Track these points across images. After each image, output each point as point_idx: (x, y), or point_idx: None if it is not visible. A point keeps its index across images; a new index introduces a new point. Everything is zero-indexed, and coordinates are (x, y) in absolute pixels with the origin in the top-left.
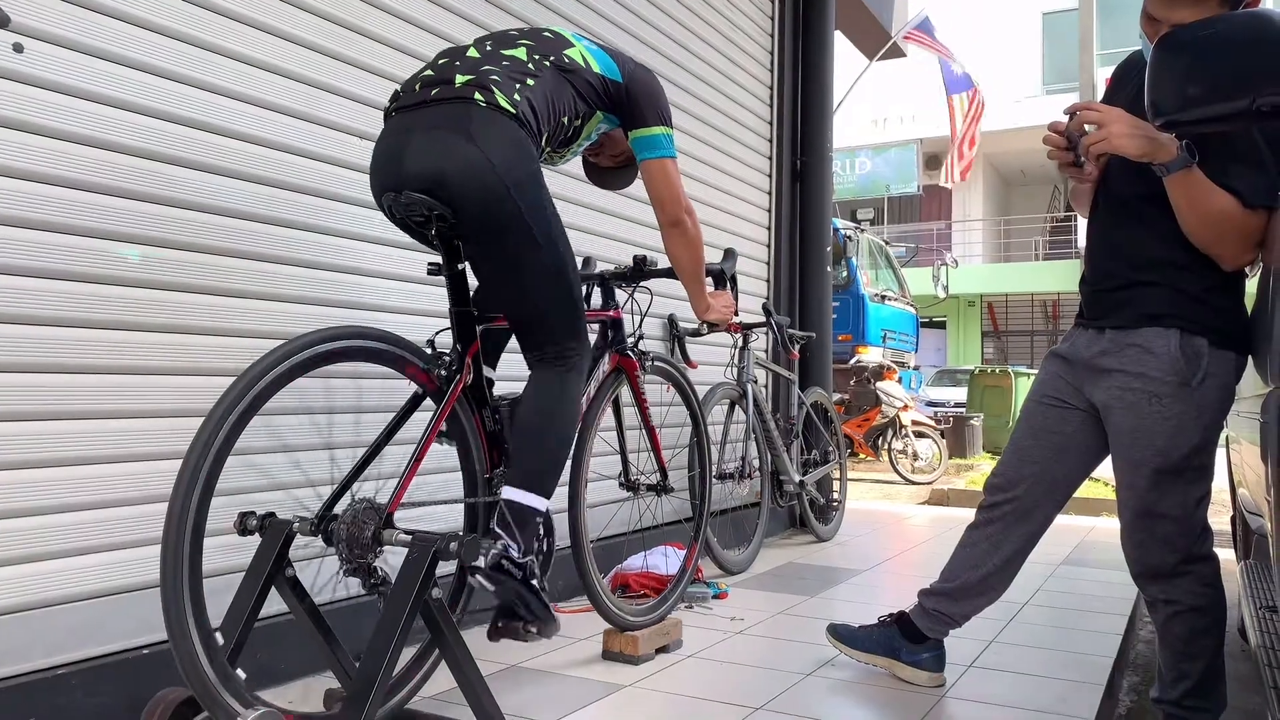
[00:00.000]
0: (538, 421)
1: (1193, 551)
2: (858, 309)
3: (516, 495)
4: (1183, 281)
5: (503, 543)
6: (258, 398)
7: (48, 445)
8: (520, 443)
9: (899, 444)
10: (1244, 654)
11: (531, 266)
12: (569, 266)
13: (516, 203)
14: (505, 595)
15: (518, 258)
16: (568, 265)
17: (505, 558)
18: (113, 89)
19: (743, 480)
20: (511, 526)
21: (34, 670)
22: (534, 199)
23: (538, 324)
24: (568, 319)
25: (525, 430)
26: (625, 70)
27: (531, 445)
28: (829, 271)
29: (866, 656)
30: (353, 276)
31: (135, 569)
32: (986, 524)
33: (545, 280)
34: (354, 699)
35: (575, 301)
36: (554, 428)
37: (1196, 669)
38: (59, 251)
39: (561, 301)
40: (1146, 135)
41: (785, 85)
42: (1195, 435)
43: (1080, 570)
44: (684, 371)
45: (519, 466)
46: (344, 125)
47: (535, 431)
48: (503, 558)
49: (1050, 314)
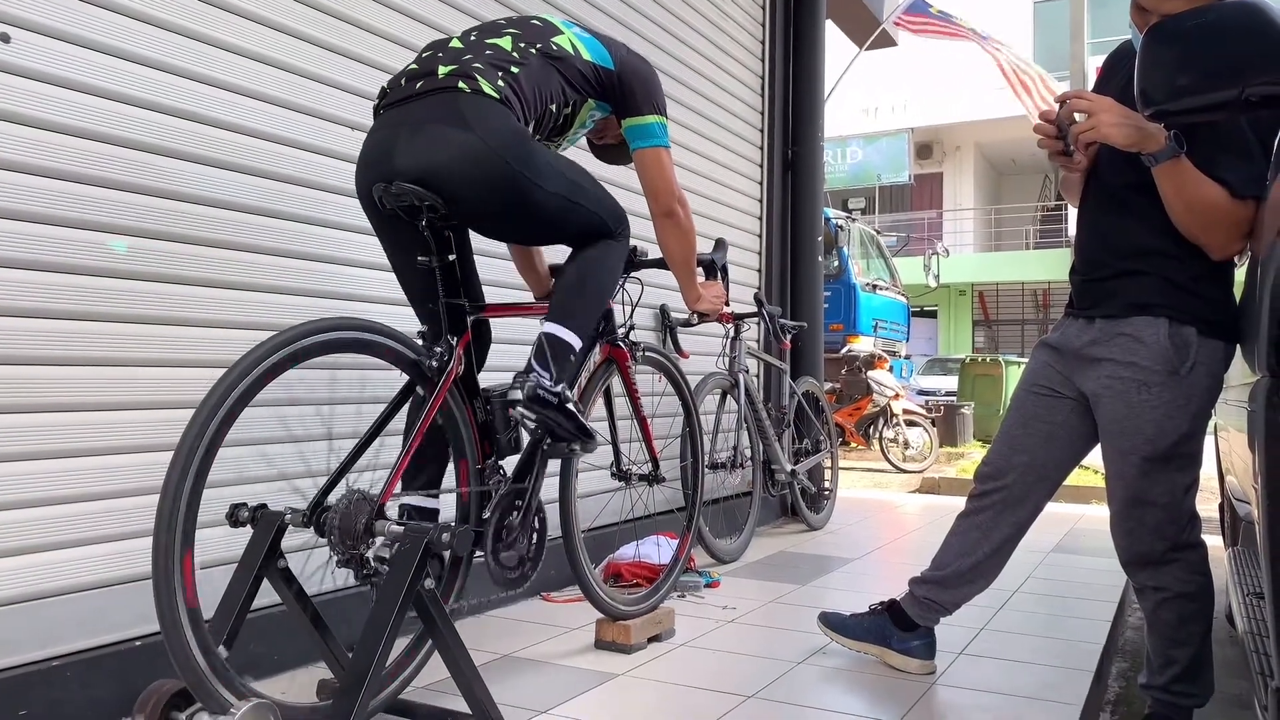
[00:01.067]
0: (584, 271)
1: (1181, 539)
2: (849, 298)
3: (556, 329)
4: (1172, 271)
5: (535, 375)
6: (249, 390)
7: (39, 438)
8: (565, 286)
9: (890, 433)
10: (1231, 640)
11: (547, 208)
12: (580, 182)
13: (520, 171)
14: (544, 422)
15: (531, 210)
16: (583, 185)
17: (540, 388)
18: (100, 79)
19: (735, 470)
20: (547, 358)
21: (28, 662)
22: (526, 156)
23: (583, 234)
24: (601, 214)
25: (571, 276)
26: (618, 57)
27: (575, 289)
28: (820, 261)
29: (858, 644)
30: (344, 268)
31: (128, 561)
32: (977, 512)
33: (565, 209)
34: (347, 689)
35: (601, 200)
36: (596, 278)
37: (1184, 655)
38: (49, 243)
39: (589, 209)
40: (1135, 125)
41: (776, 74)
42: (1184, 423)
43: (1070, 558)
44: (675, 361)
45: (561, 305)
46: (334, 116)
47: (580, 278)
48: (538, 388)
49: (1041, 303)
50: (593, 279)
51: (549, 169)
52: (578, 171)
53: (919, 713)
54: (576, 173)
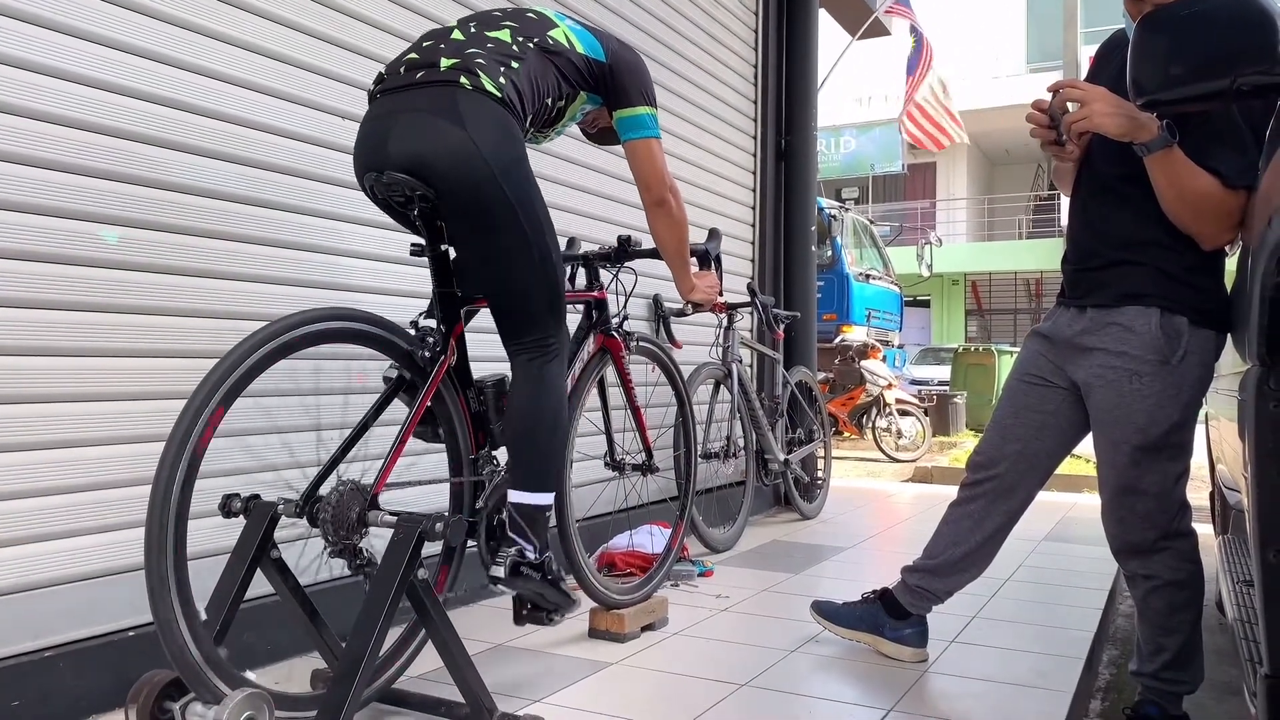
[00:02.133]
0: (529, 421)
1: (1172, 527)
2: (842, 288)
3: (522, 498)
4: (1163, 261)
5: (517, 548)
6: (241, 380)
7: (33, 428)
8: (515, 445)
9: (883, 422)
10: (1221, 627)
11: (515, 251)
12: (553, 252)
13: (501, 186)
14: (528, 595)
15: (501, 241)
16: (551, 251)
17: (522, 562)
18: (90, 69)
19: (728, 459)
20: (523, 529)
21: (21, 653)
22: (519, 183)
23: (519, 309)
24: (549, 307)
25: (518, 432)
26: (609, 50)
27: (527, 446)
28: (814, 251)
29: (850, 633)
30: (335, 258)
31: (121, 551)
32: (969, 501)
33: (528, 265)
34: (340, 679)
35: (558, 288)
36: (544, 423)
37: (1175, 642)
38: (41, 234)
39: (544, 288)
40: (1128, 114)
41: (769, 63)
42: (1175, 413)
43: (1061, 546)
44: (669, 352)
45: (518, 469)
46: (327, 105)
47: (527, 432)
48: (520, 563)
49: (1033, 292)
50: (544, 428)
51: (530, 201)
52: (553, 236)
53: (911, 700)
54: (552, 236)
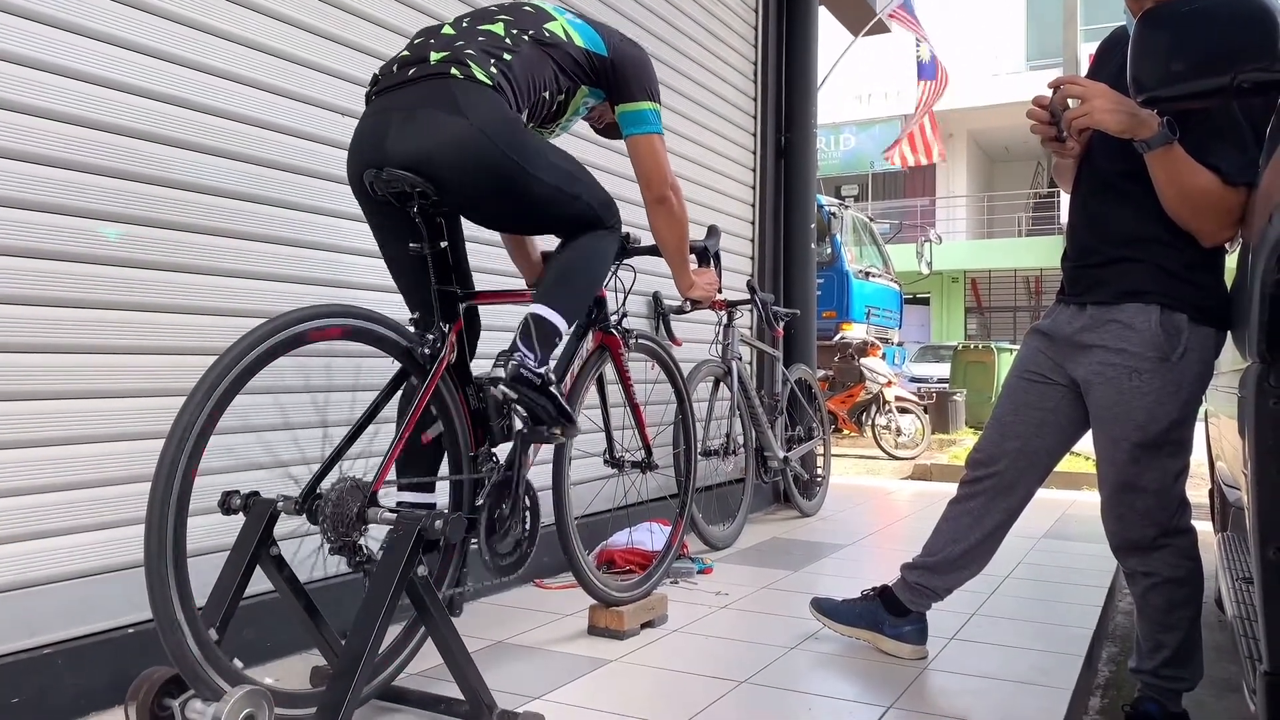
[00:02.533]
0: (575, 258)
1: (1171, 525)
2: (842, 285)
3: (543, 311)
4: (1163, 258)
5: (519, 355)
6: (240, 377)
7: (32, 425)
8: (555, 271)
9: (882, 420)
10: (1220, 624)
11: (541, 197)
12: (574, 173)
13: (512, 158)
14: (526, 402)
15: (525, 198)
16: (574, 174)
17: (524, 368)
18: (92, 65)
19: (727, 457)
20: (533, 339)
21: (19, 650)
22: (521, 146)
23: (574, 224)
24: (594, 206)
25: (562, 261)
26: (611, 44)
27: (565, 274)
28: (813, 248)
29: (850, 630)
30: (336, 255)
31: (121, 548)
32: (969, 498)
33: (559, 198)
34: (340, 676)
35: (592, 190)
36: (587, 265)
37: (1174, 639)
38: (41, 230)
39: (584, 201)
40: (1128, 111)
41: (770, 61)
42: (1174, 410)
43: (1061, 544)
44: (668, 349)
45: (550, 288)
46: (327, 102)
47: (571, 264)
48: (521, 368)
49: (1033, 290)
50: (584, 266)
51: (541, 157)
52: (569, 160)
53: (911, 698)
54: (568, 161)
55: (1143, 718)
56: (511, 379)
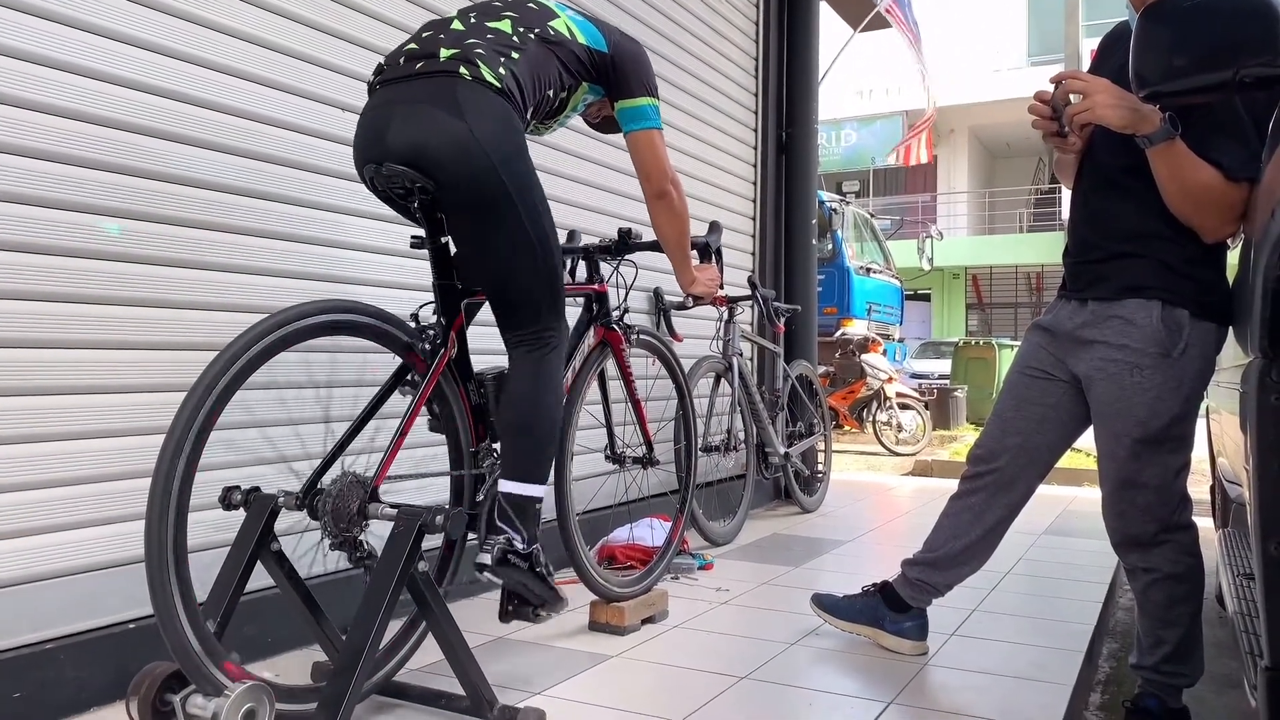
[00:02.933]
0: (524, 411)
1: (1172, 520)
2: (843, 282)
3: (513, 488)
4: (1165, 253)
5: (506, 536)
6: (241, 372)
7: (34, 420)
8: (509, 434)
9: (883, 416)
10: (1221, 620)
11: (515, 242)
12: (552, 243)
13: (501, 178)
14: (514, 586)
15: (501, 233)
16: (550, 242)
17: (510, 551)
18: (88, 60)
19: (728, 453)
20: (512, 518)
21: (22, 645)
22: (519, 175)
23: (518, 301)
24: (548, 299)
25: (513, 423)
26: (611, 41)
27: (521, 436)
28: (814, 244)
29: (850, 626)
30: (336, 250)
31: (122, 544)
32: (969, 494)
33: (528, 257)
34: (341, 671)
35: (557, 280)
36: (541, 416)
37: (1174, 635)
38: (41, 226)
39: (543, 280)
40: (1130, 106)
41: (770, 55)
42: (1176, 406)
43: (1061, 540)
44: (669, 345)
45: (511, 459)
46: (327, 98)
47: (523, 422)
48: (508, 551)
49: (1034, 286)
50: (541, 417)
51: (530, 190)
52: (553, 231)
53: (911, 693)
54: (552, 230)
55: (1143, 713)
56: (497, 563)
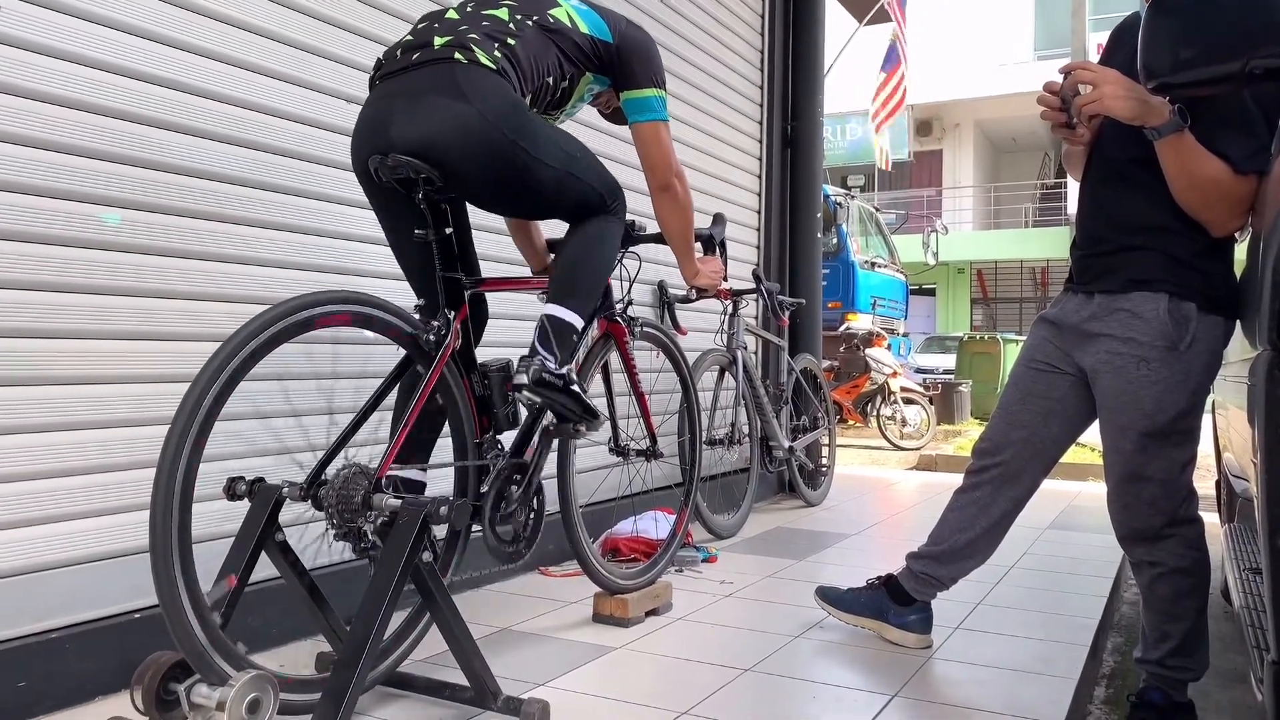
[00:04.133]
0: (583, 250)
1: (1178, 514)
2: (847, 276)
3: (557, 310)
4: (1173, 246)
5: (539, 358)
6: (244, 363)
7: (39, 410)
8: (564, 266)
9: (888, 410)
10: (1226, 615)
11: (546, 181)
12: (577, 156)
13: (516, 142)
14: (550, 405)
15: (529, 183)
16: (575, 156)
17: (545, 370)
18: (92, 50)
19: (732, 446)
20: (551, 340)
21: (27, 634)
22: (528, 132)
23: (578, 208)
24: (598, 189)
25: (569, 255)
26: (616, 30)
27: (574, 268)
28: (819, 238)
29: (854, 619)
30: (339, 241)
31: (127, 534)
32: (974, 488)
33: (563, 182)
34: (345, 661)
35: (597, 173)
36: (596, 257)
37: (1180, 629)
38: (40, 215)
39: (587, 183)
40: (1139, 98)
41: (776, 48)
42: (1182, 399)
43: (1066, 534)
44: (673, 338)
45: (561, 285)
46: (328, 88)
47: (579, 258)
48: (543, 371)
49: (1039, 281)
50: (591, 257)
51: (546, 141)
52: (574, 145)
53: (915, 686)
54: (573, 146)
55: (1148, 707)
56: (534, 383)
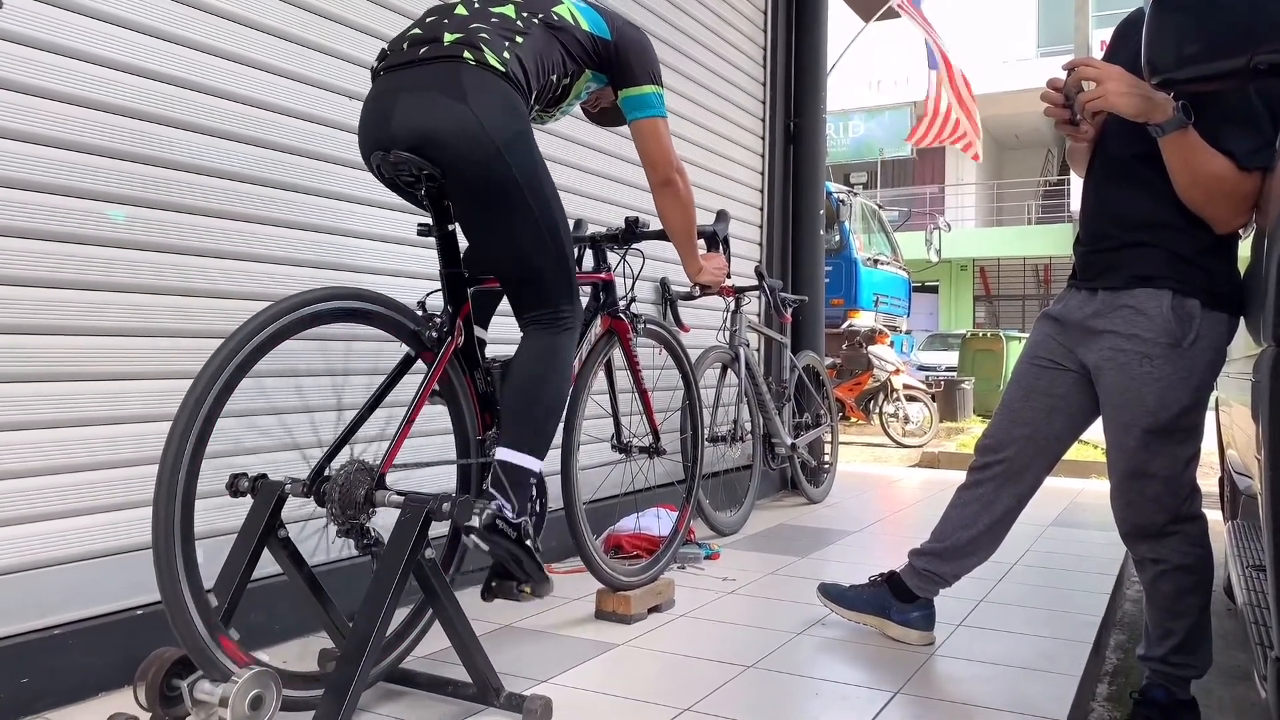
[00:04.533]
0: (531, 384)
1: (1181, 511)
2: (850, 273)
3: (510, 456)
4: (1176, 243)
5: (496, 503)
6: (247, 359)
7: (40, 407)
8: (513, 404)
9: (890, 407)
10: (1230, 613)
11: (523, 227)
12: (561, 226)
13: (507, 162)
14: (499, 555)
15: (509, 218)
16: (559, 225)
17: (500, 518)
18: (97, 47)
19: (734, 443)
20: (505, 487)
21: (30, 630)
22: (524, 159)
23: (530, 285)
24: (560, 280)
25: (518, 392)
26: (614, 28)
27: (525, 407)
28: (821, 236)
29: (857, 615)
30: (341, 238)
31: (130, 530)
32: (977, 485)
33: (538, 240)
34: (348, 658)
35: (567, 262)
36: (547, 390)
37: (1183, 626)
38: (45, 212)
39: (554, 262)
40: (1143, 94)
41: (779, 45)
42: (1185, 396)
43: (1069, 531)
44: (676, 334)
45: (512, 428)
46: (331, 84)
47: (528, 394)
48: (497, 518)
49: (1042, 278)
50: (547, 388)
51: (536, 177)
52: (562, 213)
53: (918, 683)
54: (560, 212)
55: (1151, 705)
56: (486, 528)
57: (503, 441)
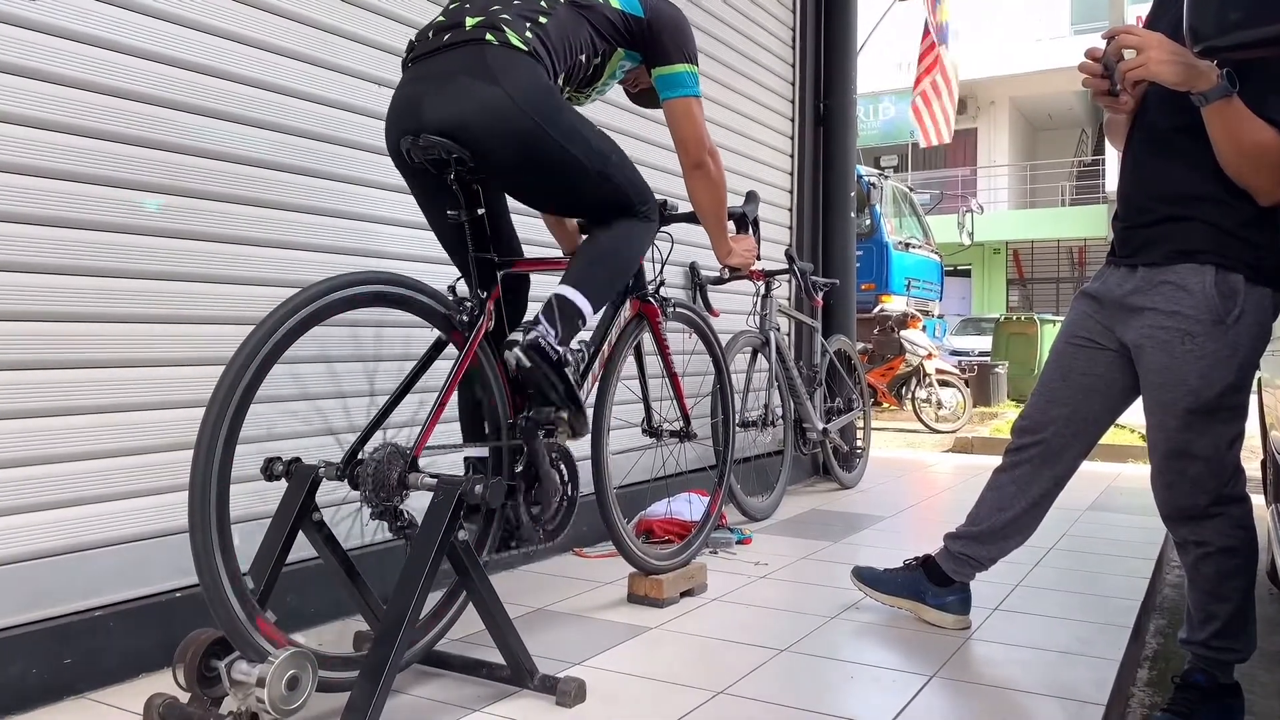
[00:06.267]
0: (606, 249)
1: (1224, 493)
2: (881, 257)
3: (569, 293)
4: (1219, 216)
5: (542, 327)
6: (279, 344)
7: (78, 394)
8: (586, 258)
9: (923, 393)
10: (1273, 596)
11: (579, 178)
12: (611, 155)
13: (545, 129)
14: (536, 376)
15: (564, 177)
16: (609, 155)
17: (543, 339)
18: (130, 37)
19: (766, 428)
20: (555, 316)
21: (71, 612)
22: (559, 121)
23: (606, 209)
24: (629, 191)
25: (595, 245)
26: (647, 5)
27: (596, 258)
28: (852, 219)
29: (891, 599)
30: (375, 225)
31: (169, 514)
32: (1014, 467)
33: (596, 181)
34: (382, 640)
35: (628, 176)
36: (619, 259)
37: (1225, 610)
38: (82, 201)
39: (615, 186)
40: (1185, 62)
41: (808, 25)
42: (1229, 374)
43: (1106, 515)
44: (706, 318)
45: (578, 270)
46: (359, 71)
47: (603, 249)
48: (541, 339)
49: (1076, 261)
50: (614, 252)
51: (576, 132)
52: (607, 143)
53: (954, 667)
54: (606, 144)
55: (1192, 689)
56: (528, 346)
57: (566, 279)
